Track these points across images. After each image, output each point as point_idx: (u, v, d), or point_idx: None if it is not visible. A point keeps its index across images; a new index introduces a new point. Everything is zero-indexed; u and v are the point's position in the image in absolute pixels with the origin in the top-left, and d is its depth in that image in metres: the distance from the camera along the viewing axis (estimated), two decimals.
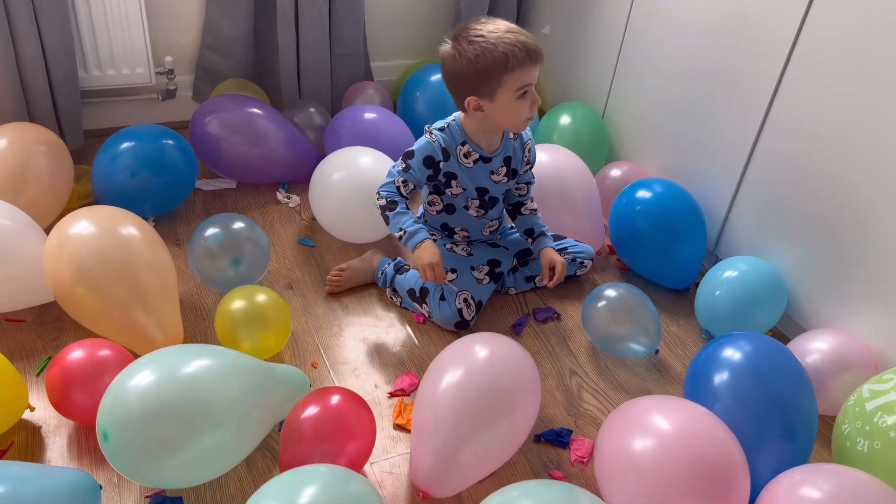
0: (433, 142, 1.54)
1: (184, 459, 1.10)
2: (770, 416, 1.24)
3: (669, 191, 1.78)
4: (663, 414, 1.16)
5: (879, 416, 1.18)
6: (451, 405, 1.17)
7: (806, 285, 1.59)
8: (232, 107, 1.95)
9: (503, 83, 1.42)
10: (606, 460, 1.18)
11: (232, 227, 1.56)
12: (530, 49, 1.41)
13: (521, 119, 1.49)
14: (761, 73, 1.60)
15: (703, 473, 1.09)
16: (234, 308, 1.41)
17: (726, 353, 1.32)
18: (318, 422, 1.17)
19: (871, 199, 1.40)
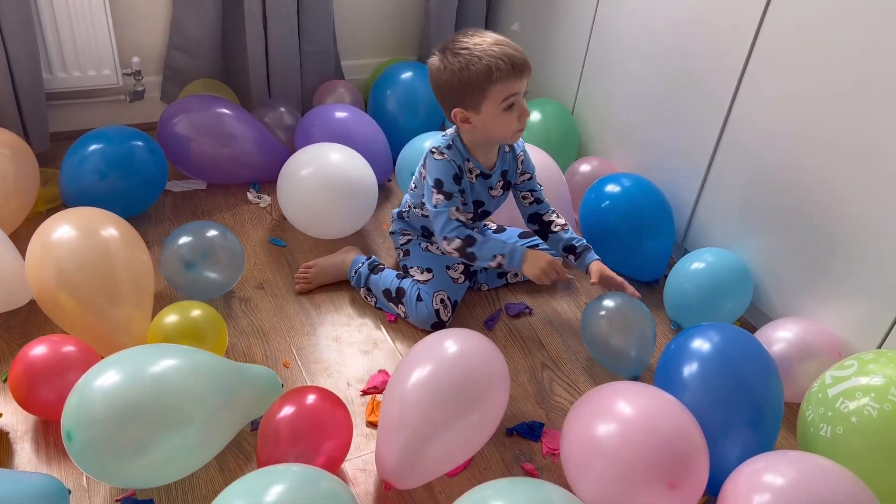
0: (449, 161, 1.52)
1: (151, 459, 1.10)
2: (738, 405, 1.26)
3: (638, 185, 1.80)
4: (625, 399, 1.18)
5: (841, 401, 1.20)
6: (418, 398, 1.18)
7: (771, 275, 1.62)
8: (200, 107, 1.94)
9: (487, 95, 1.42)
10: (572, 447, 1.19)
11: (206, 236, 1.56)
12: (515, 61, 1.41)
13: (510, 131, 1.48)
14: (723, 70, 1.63)
15: (664, 457, 1.10)
16: (167, 323, 1.37)
17: (695, 343, 1.33)
18: (294, 422, 1.17)
19: (833, 191, 1.43)
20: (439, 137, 1.58)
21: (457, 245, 1.50)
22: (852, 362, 1.25)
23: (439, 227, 1.52)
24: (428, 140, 1.95)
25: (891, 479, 1.15)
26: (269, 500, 0.97)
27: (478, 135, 1.52)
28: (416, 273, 1.64)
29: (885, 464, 1.15)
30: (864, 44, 1.32)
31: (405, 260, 1.70)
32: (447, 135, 1.57)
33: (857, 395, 1.19)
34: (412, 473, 1.18)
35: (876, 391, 1.17)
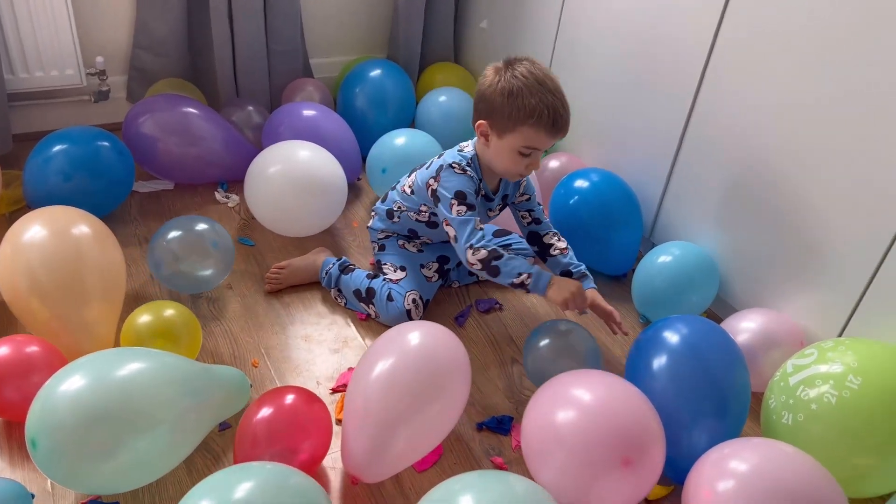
0: (471, 177, 1.49)
1: (118, 464, 1.08)
2: (705, 395, 1.28)
3: (606, 180, 1.81)
4: (582, 387, 1.19)
5: (802, 389, 1.23)
6: (379, 391, 1.18)
7: (736, 267, 1.64)
8: (166, 107, 1.92)
9: (517, 130, 1.40)
10: (531, 437, 1.20)
11: (196, 229, 1.56)
12: (558, 121, 1.39)
13: (513, 171, 1.47)
14: (686, 65, 1.65)
15: (620, 440, 1.12)
16: (140, 323, 1.37)
17: (664, 335, 1.35)
18: (271, 422, 1.17)
19: (793, 184, 1.46)
20: (454, 153, 1.54)
21: (482, 256, 1.43)
22: (812, 351, 1.27)
23: (465, 235, 1.44)
24: (400, 137, 1.95)
25: (850, 464, 1.18)
26: (238, 496, 0.96)
27: (487, 156, 1.50)
28: (389, 270, 1.64)
29: (845, 450, 1.18)
30: (823, 39, 1.35)
31: (379, 254, 1.70)
32: (464, 152, 1.53)
33: (817, 382, 1.21)
34: (378, 467, 1.18)
35: (835, 378, 1.19)
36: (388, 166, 1.92)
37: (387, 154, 1.94)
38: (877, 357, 1.21)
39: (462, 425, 1.39)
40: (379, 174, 1.94)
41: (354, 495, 1.24)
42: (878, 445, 1.16)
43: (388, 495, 1.24)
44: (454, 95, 2.28)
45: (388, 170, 1.91)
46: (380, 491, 1.25)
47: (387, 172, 1.91)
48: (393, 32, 2.51)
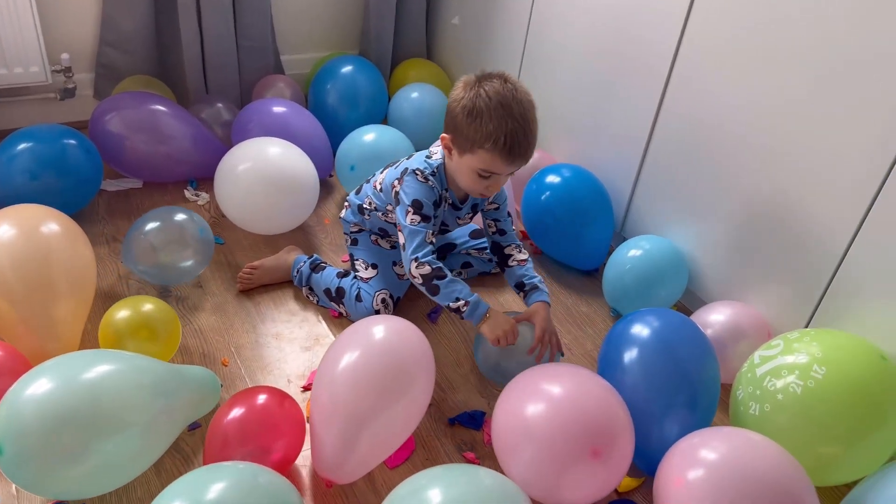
0: (432, 188, 1.45)
1: (87, 469, 1.07)
2: (676, 386, 1.29)
3: (577, 175, 1.82)
4: (551, 381, 1.20)
5: (768, 380, 1.24)
6: (345, 388, 1.17)
7: (706, 260, 1.66)
8: (133, 104, 1.90)
9: (474, 152, 1.36)
10: (501, 431, 1.20)
11: (175, 220, 1.56)
12: (515, 148, 1.33)
13: (473, 190, 1.44)
14: (655, 61, 1.66)
15: (588, 433, 1.13)
16: (118, 319, 1.36)
17: (635, 329, 1.36)
18: (244, 423, 1.16)
19: (761, 178, 1.47)
20: (421, 159, 1.50)
21: (425, 272, 1.40)
22: (779, 342, 1.29)
23: (412, 246, 1.42)
24: (369, 133, 1.94)
25: (816, 453, 1.19)
26: (210, 497, 0.96)
27: (451, 169, 1.47)
28: (361, 267, 1.63)
29: (811, 438, 1.19)
30: (789, 35, 1.36)
31: (352, 249, 1.68)
32: (431, 160, 1.49)
33: (783, 373, 1.23)
34: (348, 467, 1.18)
35: (800, 369, 1.21)
36: (356, 163, 1.91)
37: (355, 151, 1.93)
38: (841, 347, 1.23)
39: (434, 421, 1.39)
40: (347, 171, 1.93)
41: (327, 493, 1.23)
42: (843, 434, 1.18)
43: (360, 493, 1.24)
44: (427, 92, 2.27)
45: (357, 167, 1.90)
46: (352, 489, 1.24)
47: (355, 170, 1.90)
48: (364, 28, 2.50)
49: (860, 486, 1.17)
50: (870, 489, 1.13)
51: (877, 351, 1.23)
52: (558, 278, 1.83)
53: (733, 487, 1.05)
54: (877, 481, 1.13)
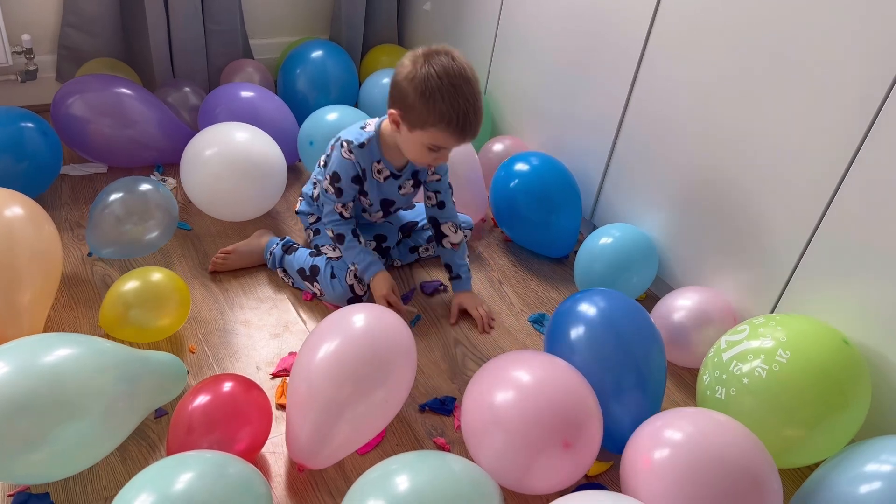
0: (354, 163, 1.51)
1: (47, 454, 1.04)
2: (625, 368, 1.29)
3: (545, 163, 1.82)
4: (521, 368, 1.20)
5: (734, 364, 1.26)
6: (325, 376, 1.16)
7: (674, 248, 1.67)
8: (98, 87, 1.85)
9: (426, 130, 1.39)
10: (471, 418, 1.20)
11: (139, 190, 1.55)
12: (467, 127, 1.38)
13: (420, 161, 1.48)
14: (625, 50, 1.66)
15: (558, 421, 1.13)
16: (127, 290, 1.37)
17: (582, 307, 1.36)
18: (208, 410, 1.14)
19: (728, 165, 1.49)
20: (356, 129, 1.53)
21: (331, 236, 1.57)
22: (745, 327, 1.31)
23: (325, 213, 1.57)
24: (333, 113, 1.91)
25: (781, 436, 1.21)
26: (177, 487, 0.95)
27: (396, 140, 1.49)
28: (329, 250, 1.63)
29: (775, 422, 1.21)
30: (758, 25, 1.37)
31: (316, 239, 1.68)
32: (364, 131, 1.52)
33: (749, 357, 1.24)
34: (323, 453, 1.17)
35: (766, 353, 1.23)
36: (315, 139, 1.88)
37: (318, 130, 1.89)
38: (805, 332, 1.25)
39: (405, 407, 1.39)
40: (307, 147, 1.91)
41: (296, 480, 1.22)
42: (807, 418, 1.20)
43: (329, 479, 1.24)
44: None
45: (316, 143, 1.88)
46: (321, 475, 1.24)
47: (314, 145, 1.88)
48: (335, 13, 2.47)
49: (821, 468, 1.19)
50: (830, 471, 1.15)
51: (839, 335, 1.26)
52: (528, 265, 1.83)
53: (699, 468, 1.06)
54: (837, 464, 1.15)
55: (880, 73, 1.18)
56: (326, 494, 1.21)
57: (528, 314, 1.67)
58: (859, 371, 1.24)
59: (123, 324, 1.37)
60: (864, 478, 1.09)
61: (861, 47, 1.20)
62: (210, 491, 0.96)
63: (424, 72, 1.36)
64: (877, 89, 1.19)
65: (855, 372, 1.23)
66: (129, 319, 1.36)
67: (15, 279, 1.32)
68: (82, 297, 1.53)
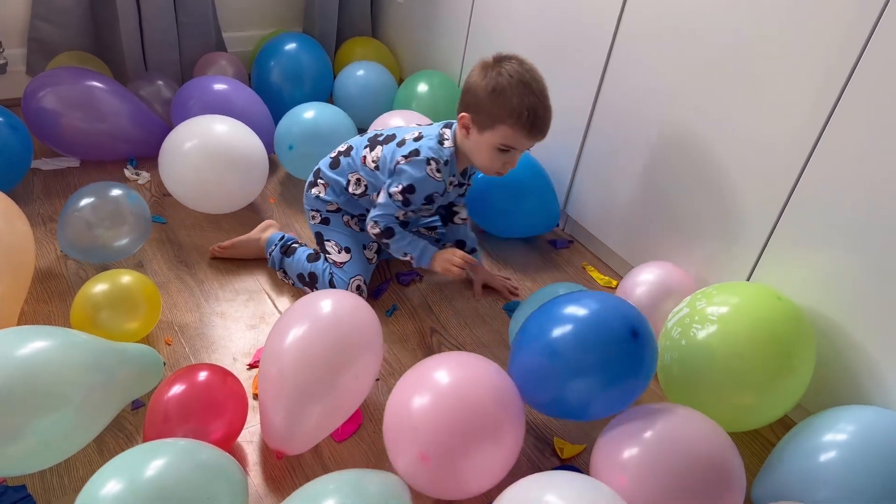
0: (438, 181, 1.49)
1: (23, 447, 1.04)
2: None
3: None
4: (443, 369, 1.17)
5: (675, 329, 1.31)
6: (294, 361, 1.18)
7: (648, 229, 1.70)
8: (69, 80, 1.84)
9: (496, 128, 1.41)
10: (390, 424, 1.16)
11: (110, 195, 1.52)
12: (537, 122, 1.40)
13: (491, 168, 1.48)
14: (595, 42, 1.69)
15: (477, 422, 1.10)
16: (95, 292, 1.35)
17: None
18: (183, 400, 1.15)
19: (700, 144, 1.51)
20: (434, 144, 1.50)
21: (376, 231, 1.53)
22: (687, 298, 1.37)
23: (380, 212, 1.52)
24: (309, 111, 1.91)
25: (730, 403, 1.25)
26: (149, 474, 0.95)
27: (466, 148, 1.49)
28: (333, 250, 1.60)
29: (727, 391, 1.25)
30: (723, 12, 1.40)
31: (322, 228, 1.63)
32: (444, 147, 1.50)
33: (685, 321, 1.29)
34: (298, 437, 1.18)
35: (699, 314, 1.28)
36: (294, 142, 1.88)
37: (295, 129, 1.89)
38: (735, 290, 1.31)
39: (382, 396, 1.40)
40: (286, 150, 1.91)
41: (273, 468, 1.24)
42: (754, 379, 1.23)
43: (307, 465, 1.25)
44: (372, 70, 2.27)
45: (295, 146, 1.88)
46: (299, 462, 1.25)
47: (294, 149, 1.88)
48: (308, 5, 2.47)
49: (781, 442, 1.22)
50: (789, 442, 1.19)
51: (772, 293, 1.30)
52: (502, 255, 1.86)
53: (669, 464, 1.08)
54: (795, 435, 1.19)
55: (846, 52, 1.21)
56: (304, 480, 1.22)
57: (502, 302, 1.69)
58: (796, 328, 1.27)
59: (93, 327, 1.35)
60: (823, 447, 1.13)
61: (827, 25, 1.23)
62: (183, 476, 0.97)
63: (495, 72, 1.40)
64: (843, 67, 1.22)
65: (790, 323, 1.26)
66: (98, 322, 1.35)
67: None
68: (56, 291, 1.53)
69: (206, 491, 0.99)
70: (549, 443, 1.36)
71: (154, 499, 0.93)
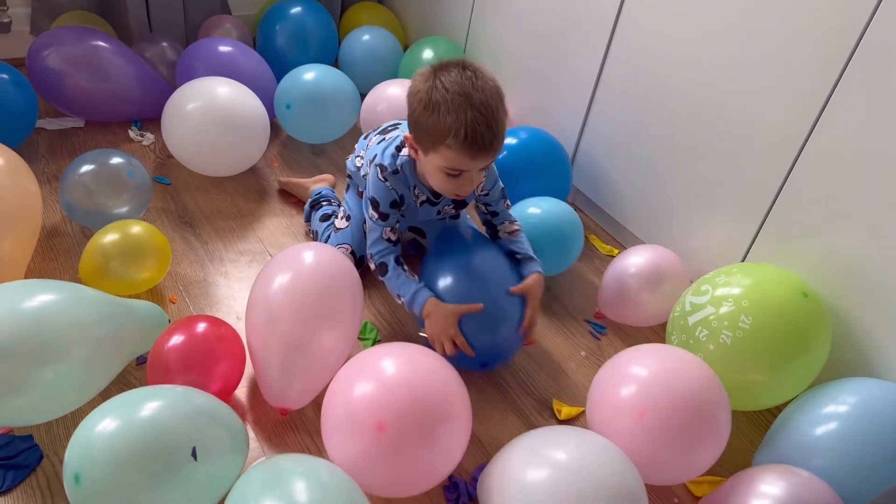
0: (390, 189, 1.37)
1: (29, 398, 1.07)
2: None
3: (531, 135, 1.80)
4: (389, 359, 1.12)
5: (699, 330, 1.29)
6: (281, 315, 1.20)
7: (647, 205, 1.71)
8: (74, 39, 1.83)
9: (437, 150, 1.23)
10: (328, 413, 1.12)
11: (110, 163, 1.52)
12: (477, 141, 1.19)
13: (446, 191, 1.32)
14: (600, 16, 1.68)
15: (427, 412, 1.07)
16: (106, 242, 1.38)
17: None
18: (183, 349, 1.17)
19: (697, 125, 1.52)
20: (391, 150, 1.38)
21: (373, 269, 1.41)
22: (707, 287, 1.32)
23: (370, 241, 1.41)
24: (310, 72, 1.91)
25: (744, 381, 1.26)
26: (143, 414, 0.98)
27: (423, 169, 1.35)
28: (340, 213, 1.60)
29: (740, 374, 1.25)
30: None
31: (346, 193, 1.64)
32: (401, 155, 1.37)
33: (713, 323, 1.26)
34: (294, 391, 1.21)
35: (729, 320, 1.25)
36: (292, 102, 1.88)
37: (295, 89, 1.89)
38: (765, 291, 1.26)
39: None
40: (283, 109, 1.91)
41: (276, 423, 1.26)
42: (769, 369, 1.25)
43: (308, 421, 1.27)
44: (378, 35, 2.25)
45: (293, 106, 1.88)
46: (301, 419, 1.27)
47: (291, 108, 1.89)
48: None
49: (785, 411, 1.23)
50: (793, 413, 1.20)
51: (800, 289, 1.27)
52: None
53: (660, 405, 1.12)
54: (799, 406, 1.21)
55: (847, 29, 1.21)
56: (305, 435, 1.24)
57: None
58: (820, 324, 1.27)
59: (103, 276, 1.37)
60: (823, 419, 1.15)
61: (826, 5, 1.23)
62: (178, 415, 0.99)
63: (429, 85, 1.22)
64: (844, 45, 1.22)
65: (815, 326, 1.26)
66: (108, 272, 1.37)
67: None
68: (62, 249, 1.54)
69: (200, 433, 1.00)
70: (549, 405, 1.37)
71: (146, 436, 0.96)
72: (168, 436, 0.97)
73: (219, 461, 1.02)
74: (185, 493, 0.98)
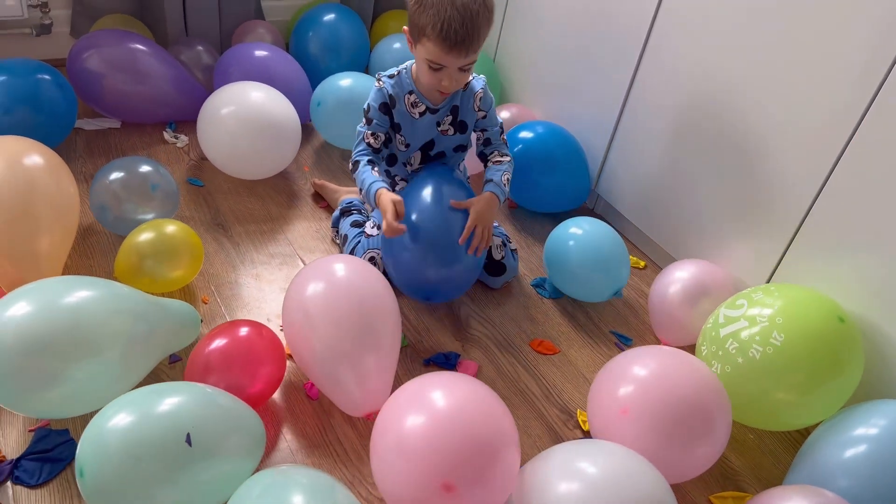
0: (381, 89, 1.50)
1: (64, 391, 1.09)
2: None
3: (549, 129, 1.85)
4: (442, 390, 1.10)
5: (730, 342, 1.28)
6: (330, 331, 1.21)
7: (677, 219, 1.70)
8: (113, 42, 1.88)
9: (422, 42, 1.36)
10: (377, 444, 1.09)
11: (139, 171, 1.55)
12: (451, 36, 1.31)
13: (430, 85, 1.44)
14: (635, 22, 1.69)
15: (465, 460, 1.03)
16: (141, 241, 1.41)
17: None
18: (226, 353, 1.19)
19: (728, 140, 1.51)
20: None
21: (351, 166, 1.53)
22: (743, 301, 1.32)
23: (354, 147, 1.54)
24: (347, 79, 1.94)
25: (772, 420, 1.27)
26: (162, 409, 1.01)
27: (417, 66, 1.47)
28: (371, 224, 1.63)
29: (769, 392, 1.25)
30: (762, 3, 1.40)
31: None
32: (406, 64, 1.52)
33: (744, 337, 1.26)
34: (374, 394, 1.22)
35: (761, 335, 1.24)
36: (323, 100, 1.92)
37: (329, 93, 1.93)
38: (800, 313, 1.25)
39: (410, 361, 1.43)
40: (315, 107, 1.95)
41: (305, 426, 1.27)
42: (799, 385, 1.23)
43: (337, 425, 1.28)
44: None
45: (323, 103, 1.92)
46: (329, 422, 1.28)
47: (321, 106, 1.92)
48: None
49: (815, 432, 1.22)
50: (824, 433, 1.19)
51: (835, 314, 1.25)
52: (532, 232, 1.87)
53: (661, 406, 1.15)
54: (830, 427, 1.19)
55: (884, 44, 1.20)
56: (335, 441, 1.26)
57: (531, 278, 1.71)
58: (853, 350, 1.25)
59: (138, 274, 1.40)
60: (852, 441, 1.14)
61: (862, 20, 1.23)
62: (197, 415, 1.02)
63: None
64: (879, 63, 1.21)
65: (849, 352, 1.24)
66: (143, 269, 1.40)
67: (34, 226, 1.35)
68: (98, 247, 1.57)
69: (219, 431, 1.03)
70: (573, 415, 1.38)
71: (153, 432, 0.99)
72: (174, 434, 0.99)
73: (229, 462, 1.05)
74: (190, 491, 1.00)
